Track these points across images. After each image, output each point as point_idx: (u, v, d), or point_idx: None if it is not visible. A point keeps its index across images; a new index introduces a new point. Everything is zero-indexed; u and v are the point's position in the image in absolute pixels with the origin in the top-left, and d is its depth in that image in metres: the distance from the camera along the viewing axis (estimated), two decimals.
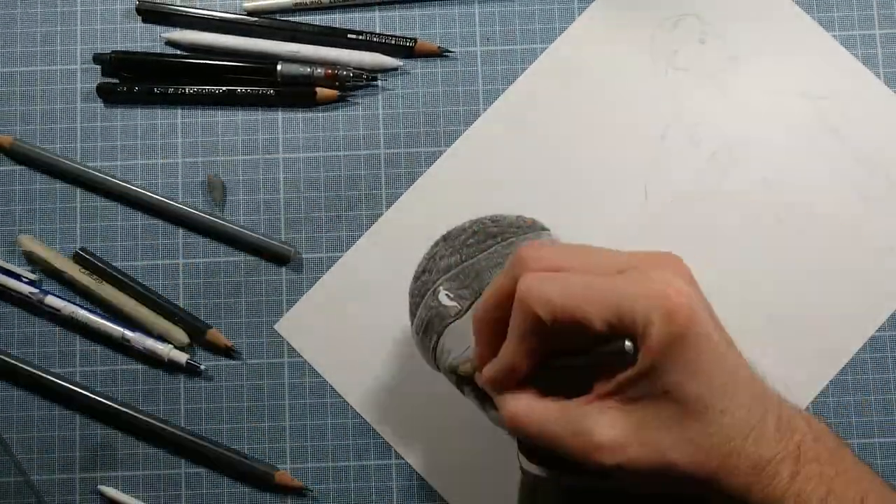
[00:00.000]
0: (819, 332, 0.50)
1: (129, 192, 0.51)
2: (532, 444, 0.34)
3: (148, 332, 0.50)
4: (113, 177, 0.51)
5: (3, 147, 0.52)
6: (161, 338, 0.50)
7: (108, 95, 0.52)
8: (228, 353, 0.50)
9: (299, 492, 0.49)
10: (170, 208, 0.51)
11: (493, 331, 0.34)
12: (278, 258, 0.51)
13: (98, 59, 0.52)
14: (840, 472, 0.31)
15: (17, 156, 0.52)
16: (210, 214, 0.51)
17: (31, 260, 0.51)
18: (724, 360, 0.31)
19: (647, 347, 0.29)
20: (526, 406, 0.33)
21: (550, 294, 0.31)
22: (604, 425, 0.31)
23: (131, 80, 0.53)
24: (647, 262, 0.31)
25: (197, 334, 0.50)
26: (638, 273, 0.31)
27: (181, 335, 0.50)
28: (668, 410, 0.30)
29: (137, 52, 0.53)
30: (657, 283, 0.30)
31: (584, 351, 0.32)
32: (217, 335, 0.50)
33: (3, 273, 0.51)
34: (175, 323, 0.50)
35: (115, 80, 0.53)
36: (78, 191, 0.52)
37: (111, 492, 0.49)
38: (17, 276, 0.51)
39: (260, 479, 0.49)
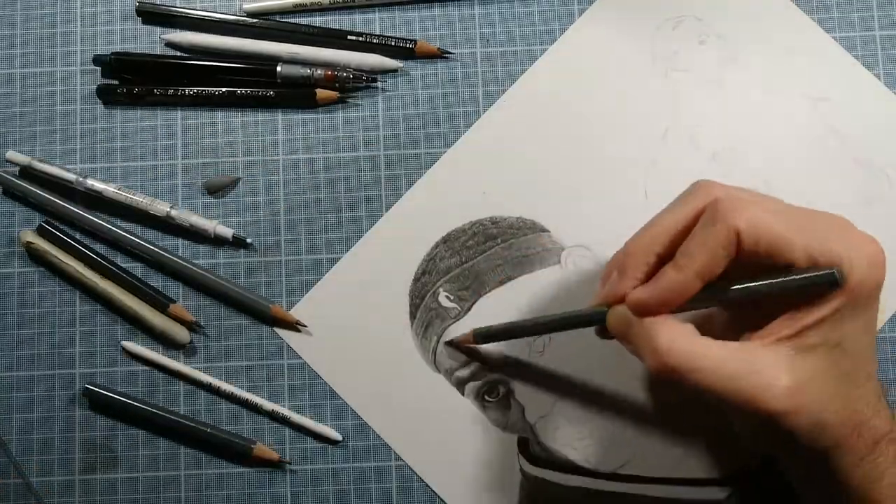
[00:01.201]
0: None
1: (121, 238, 0.51)
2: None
3: (148, 329, 0.50)
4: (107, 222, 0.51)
5: None
6: (162, 335, 0.50)
7: (107, 97, 0.52)
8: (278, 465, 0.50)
9: (277, 464, 0.49)
10: (165, 261, 0.51)
11: (650, 262, 0.33)
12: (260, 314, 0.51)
13: (98, 60, 0.52)
14: None
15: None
16: (203, 270, 0.51)
17: (33, 254, 0.51)
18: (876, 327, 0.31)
19: (847, 287, 0.29)
20: (688, 342, 0.31)
21: (756, 211, 0.30)
22: (780, 369, 0.30)
23: (131, 81, 0.53)
24: (843, 220, 0.32)
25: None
26: (840, 219, 0.31)
27: (182, 333, 0.50)
28: (835, 364, 0.30)
29: (137, 53, 0.53)
30: (861, 233, 0.30)
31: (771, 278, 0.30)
32: (182, 312, 0.49)
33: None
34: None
35: (115, 82, 0.53)
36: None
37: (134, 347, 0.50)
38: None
39: (238, 454, 0.49)
